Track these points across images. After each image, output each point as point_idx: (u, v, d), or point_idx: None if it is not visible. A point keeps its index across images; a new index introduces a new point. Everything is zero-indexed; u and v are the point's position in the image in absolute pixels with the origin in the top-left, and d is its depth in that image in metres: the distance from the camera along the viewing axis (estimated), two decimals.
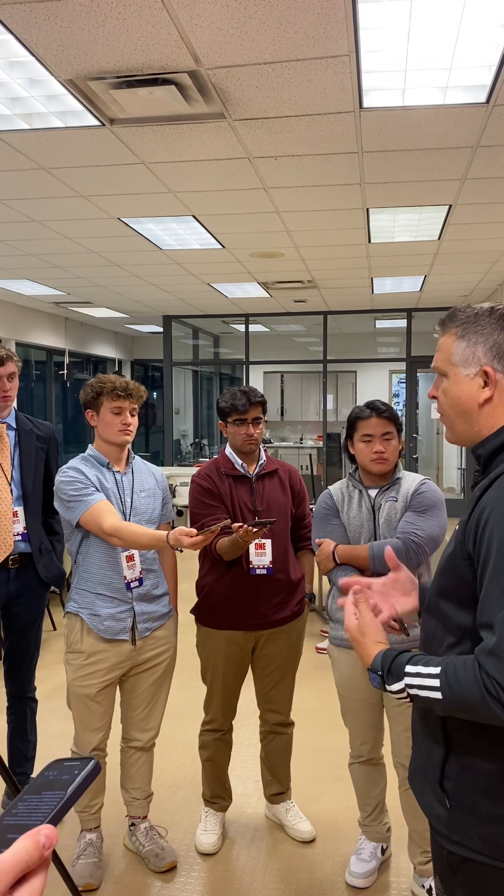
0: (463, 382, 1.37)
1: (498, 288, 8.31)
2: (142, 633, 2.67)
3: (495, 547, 1.19)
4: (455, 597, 1.30)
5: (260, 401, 2.81)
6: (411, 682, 1.25)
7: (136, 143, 3.69)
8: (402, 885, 2.67)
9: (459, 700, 1.17)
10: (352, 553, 2.49)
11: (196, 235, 5.66)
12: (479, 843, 1.25)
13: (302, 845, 2.91)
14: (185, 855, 2.85)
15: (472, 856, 1.26)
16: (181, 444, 12.46)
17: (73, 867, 2.66)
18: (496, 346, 1.34)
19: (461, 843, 1.27)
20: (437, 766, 1.32)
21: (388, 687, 1.29)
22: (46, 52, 2.77)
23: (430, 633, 1.38)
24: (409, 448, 10.39)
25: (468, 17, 2.57)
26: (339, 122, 3.44)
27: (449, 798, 1.29)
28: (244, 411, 2.76)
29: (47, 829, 0.57)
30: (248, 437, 2.78)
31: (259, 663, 2.89)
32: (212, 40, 2.68)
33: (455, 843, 1.28)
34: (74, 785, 0.64)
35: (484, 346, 1.34)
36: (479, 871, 1.26)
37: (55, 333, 10.28)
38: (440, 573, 1.37)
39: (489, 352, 1.34)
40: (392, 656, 1.30)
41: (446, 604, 1.33)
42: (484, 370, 1.34)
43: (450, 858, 1.30)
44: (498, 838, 1.23)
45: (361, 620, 1.40)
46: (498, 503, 1.22)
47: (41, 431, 3.14)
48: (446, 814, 1.30)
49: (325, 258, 6.58)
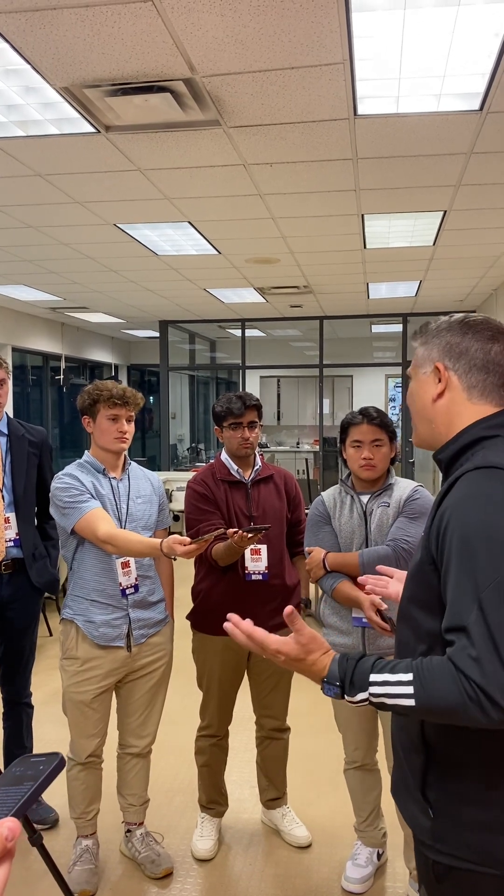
0: (421, 381, 1.46)
1: (492, 293, 8.34)
2: (137, 640, 2.67)
3: (455, 550, 1.20)
4: (425, 604, 1.31)
5: (255, 404, 2.82)
6: (377, 692, 1.20)
7: (131, 150, 3.71)
8: (397, 890, 2.67)
9: (436, 706, 1.15)
10: (342, 560, 2.50)
11: (192, 241, 5.68)
12: (466, 851, 1.24)
13: (298, 851, 2.91)
14: (182, 861, 2.84)
15: (458, 864, 1.25)
16: (177, 449, 12.46)
17: (69, 874, 2.66)
18: (448, 346, 1.41)
19: (447, 852, 1.26)
20: (419, 775, 1.32)
21: (347, 697, 1.23)
22: (42, 60, 2.78)
23: (404, 642, 1.38)
24: (404, 453, 10.41)
25: (461, 26, 2.59)
26: (333, 129, 3.46)
27: (432, 807, 1.28)
28: (240, 415, 2.78)
29: (10, 821, 0.59)
30: (244, 440, 2.78)
31: (255, 669, 2.90)
32: (207, 48, 2.70)
33: (441, 853, 1.27)
34: (39, 780, 0.67)
35: (438, 347, 1.43)
36: (466, 878, 1.26)
37: (51, 339, 10.29)
38: (410, 580, 1.38)
39: (441, 350, 1.42)
40: (353, 665, 1.24)
41: (417, 611, 1.33)
42: (436, 366, 1.42)
43: (435, 868, 1.29)
44: (484, 845, 1.23)
45: (301, 637, 1.28)
46: (457, 507, 1.24)
47: (33, 437, 3.14)
48: (430, 823, 1.29)
49: (320, 264, 6.60)
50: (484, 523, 1.19)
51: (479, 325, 1.41)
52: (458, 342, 1.40)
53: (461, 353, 1.40)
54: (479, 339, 1.39)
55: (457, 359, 1.40)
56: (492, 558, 1.16)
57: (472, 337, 1.40)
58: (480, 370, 1.38)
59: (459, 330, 1.41)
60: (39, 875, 2.70)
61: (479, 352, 1.39)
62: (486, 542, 1.17)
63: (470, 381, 1.39)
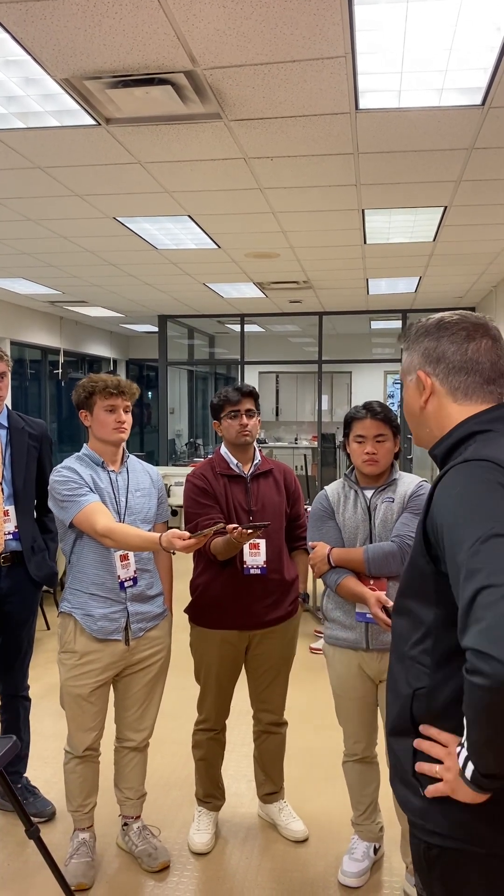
0: (409, 388, 1.48)
1: (492, 290, 8.34)
2: (135, 634, 2.67)
3: (447, 541, 1.20)
4: (419, 593, 1.33)
5: (251, 392, 2.82)
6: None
7: (132, 143, 3.69)
8: (394, 884, 2.68)
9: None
10: (347, 556, 2.49)
11: (192, 235, 5.66)
12: (453, 829, 1.26)
13: (295, 845, 2.91)
14: (178, 854, 2.85)
15: (447, 843, 1.27)
16: (176, 444, 12.46)
17: (65, 867, 2.66)
18: (426, 352, 1.43)
19: (435, 831, 1.28)
20: (409, 756, 1.33)
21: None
22: (42, 51, 2.77)
23: (399, 633, 1.40)
24: (403, 449, 10.41)
25: (464, 19, 2.57)
26: (335, 123, 3.45)
27: (423, 786, 1.30)
28: (236, 402, 2.78)
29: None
30: (243, 427, 2.78)
31: (252, 663, 2.90)
32: (208, 41, 2.69)
33: (431, 832, 1.29)
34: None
35: (418, 353, 1.45)
36: (455, 861, 1.27)
37: (50, 332, 10.27)
38: (405, 571, 1.41)
39: (421, 357, 1.44)
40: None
41: (411, 601, 1.36)
42: (418, 374, 1.43)
43: (427, 853, 1.31)
44: (473, 823, 1.24)
45: (447, 775, 1.25)
46: (442, 504, 1.26)
47: (33, 430, 3.14)
48: (420, 804, 1.31)
49: (320, 259, 6.59)
50: (466, 505, 1.20)
51: (454, 326, 1.42)
52: (434, 347, 1.42)
53: (438, 358, 1.41)
54: (454, 340, 1.40)
55: (436, 364, 1.42)
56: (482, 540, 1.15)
57: (448, 339, 1.41)
58: (460, 371, 1.40)
59: (435, 334, 1.43)
60: (36, 868, 2.70)
61: (455, 354, 1.40)
62: (475, 523, 1.16)
63: (452, 385, 1.40)
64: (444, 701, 1.28)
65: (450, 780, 1.23)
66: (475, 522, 1.15)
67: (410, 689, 1.33)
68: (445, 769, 1.25)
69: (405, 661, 1.36)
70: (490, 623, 1.03)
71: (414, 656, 1.34)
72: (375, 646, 2.52)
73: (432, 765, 1.28)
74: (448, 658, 1.27)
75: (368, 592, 2.32)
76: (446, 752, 1.26)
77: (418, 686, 1.32)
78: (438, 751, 1.27)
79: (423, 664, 1.32)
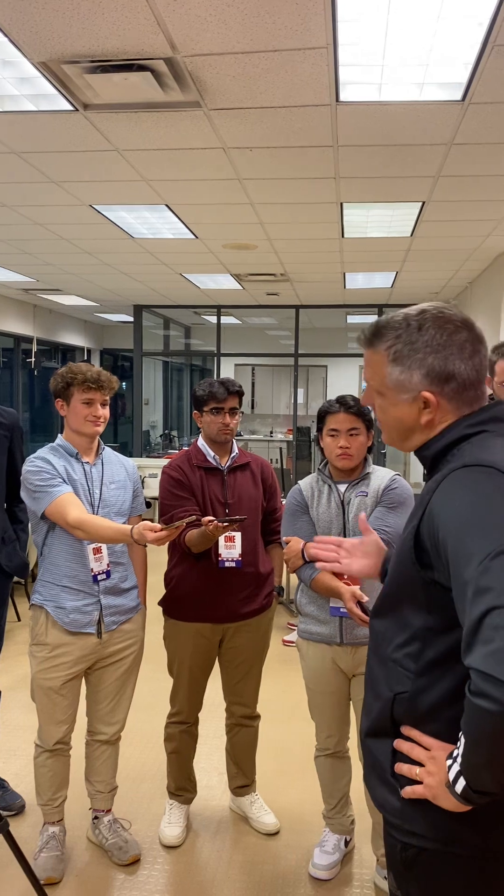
0: (401, 405, 1.36)
1: (468, 286, 8.39)
2: (108, 627, 2.65)
3: (451, 553, 1.17)
4: (406, 597, 1.30)
5: (238, 391, 2.80)
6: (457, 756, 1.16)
7: (109, 130, 3.64)
8: (364, 876, 2.69)
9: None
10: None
11: (169, 225, 5.61)
12: (432, 830, 1.25)
13: (266, 838, 2.92)
14: (149, 848, 2.84)
15: (427, 844, 1.26)
16: (150, 436, 12.39)
17: (35, 860, 2.63)
18: (432, 371, 1.32)
19: (414, 831, 1.27)
20: (388, 757, 1.32)
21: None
22: (20, 33, 2.71)
23: (380, 632, 1.38)
24: (376, 443, 10.46)
25: (446, 14, 2.57)
26: (315, 114, 3.43)
27: (402, 787, 1.29)
28: (222, 399, 2.75)
29: None
30: (224, 426, 2.76)
31: (226, 656, 2.89)
32: (189, 27, 2.65)
33: (408, 832, 1.28)
34: None
35: (420, 372, 1.33)
36: (432, 862, 1.27)
37: (23, 320, 10.14)
38: (394, 575, 1.36)
39: (425, 378, 1.33)
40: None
41: (398, 604, 1.33)
42: (423, 397, 1.33)
43: (403, 854, 1.30)
44: (451, 824, 1.23)
45: (428, 779, 1.23)
46: (445, 512, 1.21)
47: (4, 419, 3.09)
48: (399, 804, 1.30)
49: (297, 251, 6.58)
50: (474, 516, 1.16)
51: (460, 340, 1.33)
52: (441, 366, 1.32)
53: (448, 377, 1.33)
54: (462, 356, 1.33)
55: (444, 383, 1.33)
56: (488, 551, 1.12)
57: (457, 356, 1.33)
58: (470, 388, 1.34)
59: (443, 350, 1.32)
60: (5, 862, 2.67)
61: (465, 371, 1.33)
62: (480, 534, 1.13)
63: (462, 400, 1.34)
64: (428, 705, 1.27)
65: (432, 786, 1.22)
66: (483, 536, 1.11)
67: (391, 692, 1.32)
68: (427, 773, 1.24)
69: (387, 664, 1.34)
70: (499, 646, 1.01)
71: (397, 659, 1.32)
72: (349, 640, 2.52)
73: (412, 767, 1.27)
74: (434, 664, 1.26)
75: (343, 587, 2.32)
76: (428, 756, 1.25)
77: (400, 690, 1.31)
78: (419, 753, 1.26)
79: (406, 668, 1.30)
